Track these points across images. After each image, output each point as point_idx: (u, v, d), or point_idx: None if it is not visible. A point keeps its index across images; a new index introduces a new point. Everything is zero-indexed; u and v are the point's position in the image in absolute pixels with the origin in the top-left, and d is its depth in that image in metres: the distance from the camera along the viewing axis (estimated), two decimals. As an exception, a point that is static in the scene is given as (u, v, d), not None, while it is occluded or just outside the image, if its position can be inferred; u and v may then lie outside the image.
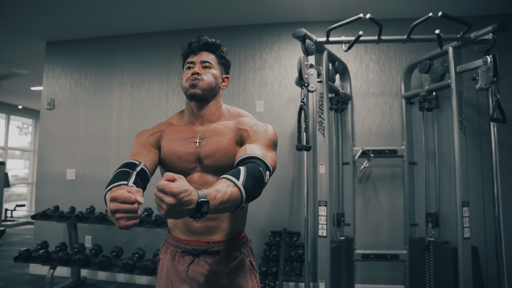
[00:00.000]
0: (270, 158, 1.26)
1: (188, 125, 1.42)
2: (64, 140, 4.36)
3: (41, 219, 3.75)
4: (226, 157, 1.32)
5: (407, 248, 3.34)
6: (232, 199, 1.02)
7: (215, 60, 1.43)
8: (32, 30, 4.22)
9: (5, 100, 8.33)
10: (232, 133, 1.35)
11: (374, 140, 3.64)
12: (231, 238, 1.39)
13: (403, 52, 3.70)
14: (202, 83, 1.36)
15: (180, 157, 1.35)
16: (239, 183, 1.05)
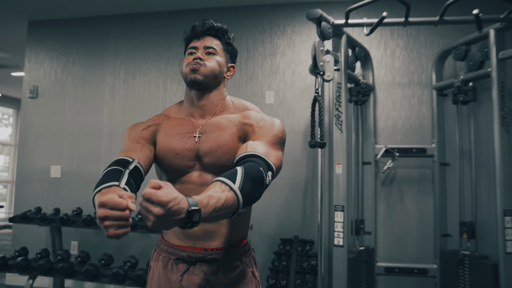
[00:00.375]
0: (274, 157, 1.27)
1: (187, 118, 1.43)
2: (48, 133, 4.45)
3: (21, 222, 3.83)
4: (227, 154, 1.33)
5: (437, 262, 3.35)
6: (227, 205, 1.03)
7: (220, 46, 1.45)
8: (11, 7, 4.29)
9: (-18, 88, 8.49)
10: (235, 128, 1.37)
11: (400, 137, 3.66)
12: (231, 245, 1.39)
13: (435, 36, 3.71)
14: (204, 68, 1.37)
15: (178, 153, 1.36)
16: (235, 186, 1.06)
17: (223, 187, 1.05)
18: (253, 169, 1.14)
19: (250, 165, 1.15)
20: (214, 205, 1.00)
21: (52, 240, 3.92)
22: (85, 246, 4.13)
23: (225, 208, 1.03)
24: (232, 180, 1.07)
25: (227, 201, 1.03)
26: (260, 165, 1.17)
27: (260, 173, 1.15)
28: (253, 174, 1.13)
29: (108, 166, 1.24)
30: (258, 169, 1.15)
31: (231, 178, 1.08)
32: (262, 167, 1.17)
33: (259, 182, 1.13)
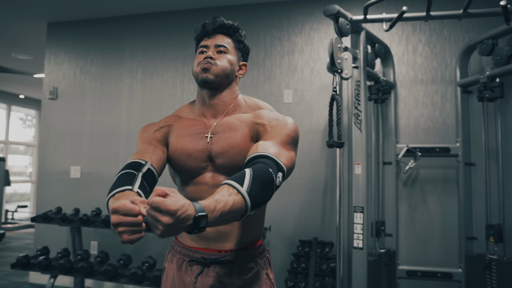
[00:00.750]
0: (286, 158, 1.26)
1: (199, 118, 1.43)
2: (68, 134, 4.54)
3: (42, 222, 3.93)
4: (239, 155, 1.33)
5: (462, 266, 3.27)
6: (234, 209, 1.03)
7: (232, 44, 1.45)
8: (31, 9, 4.40)
9: (5, 89, 8.73)
10: (247, 128, 1.36)
11: (422, 136, 3.58)
12: (246, 247, 1.40)
13: (460, 30, 3.62)
14: (215, 68, 1.37)
15: (190, 154, 1.37)
16: (242, 189, 1.06)
17: (231, 191, 1.05)
18: (262, 170, 1.14)
19: (259, 167, 1.15)
20: (221, 209, 1.00)
21: (72, 239, 4.00)
22: (104, 246, 4.20)
23: (233, 212, 1.03)
24: (239, 183, 1.08)
25: (235, 204, 1.03)
26: (269, 166, 1.17)
27: (269, 174, 1.15)
28: (262, 176, 1.12)
29: (121, 170, 1.26)
30: (267, 171, 1.15)
31: (238, 181, 1.08)
32: (272, 168, 1.17)
33: (268, 184, 1.13)
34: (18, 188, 10.22)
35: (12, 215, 9.11)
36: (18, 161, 10.32)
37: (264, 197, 1.13)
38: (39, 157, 4.67)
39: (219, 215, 0.99)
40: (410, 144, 3.44)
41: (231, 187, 1.07)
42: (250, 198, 1.07)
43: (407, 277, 3.38)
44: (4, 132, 9.29)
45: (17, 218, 9.25)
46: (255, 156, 1.21)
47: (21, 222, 8.87)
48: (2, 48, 5.74)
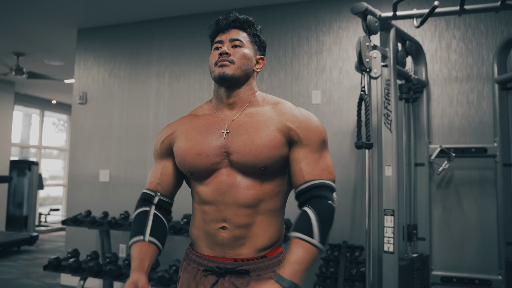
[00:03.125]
0: (329, 170, 1.33)
1: (215, 115, 1.42)
2: (97, 138, 4.68)
3: (72, 225, 4.07)
4: (262, 154, 1.29)
5: (502, 273, 3.17)
6: (312, 259, 1.21)
7: (247, 38, 1.44)
8: (62, 16, 4.58)
9: (38, 95, 9.08)
10: (274, 127, 1.32)
11: (457, 136, 3.51)
12: (264, 256, 1.35)
13: (498, 24, 3.53)
14: (233, 64, 1.36)
15: (200, 153, 1.34)
16: (315, 241, 1.21)
17: (305, 246, 1.20)
18: (324, 208, 1.25)
19: (320, 205, 1.25)
20: (304, 268, 1.19)
21: (101, 242, 4.12)
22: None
23: (312, 262, 1.21)
24: (309, 234, 1.21)
25: (312, 256, 1.21)
26: (327, 197, 1.27)
27: (330, 208, 1.26)
28: (326, 215, 1.25)
29: (137, 204, 1.46)
30: (328, 205, 1.26)
31: (307, 232, 1.21)
32: (329, 197, 1.28)
33: (331, 217, 1.27)
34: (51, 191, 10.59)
35: (45, 218, 9.45)
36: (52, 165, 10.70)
37: (330, 230, 1.26)
38: (69, 161, 4.84)
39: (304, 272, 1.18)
40: (443, 145, 3.38)
41: (305, 242, 1.20)
42: (322, 243, 1.22)
43: (442, 283, 3.31)
44: (37, 137, 9.65)
45: (49, 221, 9.58)
46: (308, 188, 1.28)
47: (53, 225, 9.19)
48: (36, 55, 5.99)
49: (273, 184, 1.35)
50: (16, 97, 8.34)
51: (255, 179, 1.32)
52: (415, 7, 3.50)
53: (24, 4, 4.25)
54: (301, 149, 1.31)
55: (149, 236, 1.35)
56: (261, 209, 1.33)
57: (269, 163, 1.30)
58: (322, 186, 1.28)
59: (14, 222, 7.96)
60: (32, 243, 6.52)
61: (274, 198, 1.35)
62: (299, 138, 1.31)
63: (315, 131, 1.33)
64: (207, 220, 1.34)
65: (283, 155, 1.32)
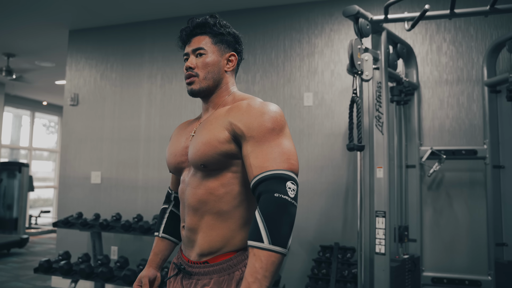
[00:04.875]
0: (282, 158, 1.18)
1: (197, 119, 1.49)
2: (88, 140, 4.66)
3: (63, 227, 4.04)
4: (200, 151, 1.27)
5: (492, 273, 3.20)
6: (270, 266, 1.07)
7: (209, 41, 1.39)
8: (54, 17, 4.56)
9: (29, 96, 9.01)
10: (218, 125, 1.28)
11: (448, 138, 3.54)
12: (206, 261, 1.28)
13: (487, 27, 3.56)
14: (197, 78, 1.37)
15: (173, 153, 1.43)
16: (265, 245, 1.08)
17: (255, 253, 1.08)
18: (268, 205, 1.11)
19: (265, 202, 1.12)
20: (260, 278, 1.07)
21: (93, 244, 4.10)
22: (124, 251, 4.28)
23: (271, 267, 1.08)
24: (257, 239, 1.09)
25: (266, 263, 1.07)
26: (273, 190, 1.12)
27: (277, 202, 1.11)
28: (271, 211, 1.10)
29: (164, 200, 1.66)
30: (273, 200, 1.11)
31: (255, 237, 1.09)
32: (276, 190, 1.12)
33: (281, 211, 1.10)
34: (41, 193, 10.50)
35: (36, 220, 9.37)
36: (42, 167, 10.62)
37: (287, 225, 1.11)
38: (61, 163, 4.80)
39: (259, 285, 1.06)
40: (434, 147, 3.40)
41: (254, 248, 1.09)
42: (277, 243, 1.08)
43: (433, 284, 3.33)
44: (28, 138, 9.57)
45: (40, 223, 9.51)
46: (256, 183, 1.16)
47: (44, 227, 9.11)
48: (27, 56, 5.94)
49: (217, 183, 1.27)
50: (6, 98, 8.27)
51: (202, 179, 1.30)
52: (406, 10, 3.53)
53: (15, 5, 4.22)
54: (247, 143, 1.21)
55: (163, 232, 1.55)
56: (205, 211, 1.28)
57: (206, 160, 1.25)
58: (269, 178, 1.14)
59: (4, 225, 7.89)
60: (22, 246, 6.47)
61: (220, 199, 1.27)
62: (241, 132, 1.22)
63: (258, 119, 1.21)
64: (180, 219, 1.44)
65: (223, 152, 1.24)
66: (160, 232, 1.56)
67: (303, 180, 3.80)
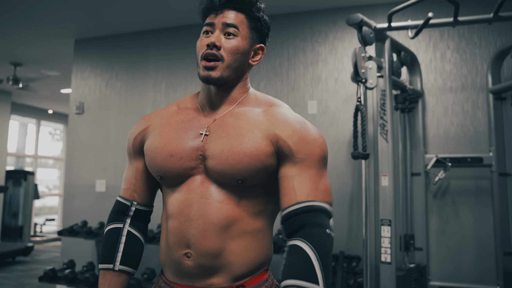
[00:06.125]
0: (327, 192, 1.08)
1: (198, 111, 1.20)
2: (94, 148, 4.66)
3: (68, 236, 4.04)
4: (241, 164, 1.06)
5: (501, 283, 3.14)
6: None
7: (245, 23, 1.15)
8: (60, 27, 4.59)
9: (35, 105, 9.06)
10: (260, 133, 1.09)
11: (453, 145, 3.52)
12: (242, 285, 1.10)
13: (491, 35, 3.55)
14: (221, 63, 1.11)
15: (173, 154, 1.12)
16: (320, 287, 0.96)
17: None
18: (324, 243, 1.00)
19: (319, 239, 1.00)
20: None
21: (98, 253, 4.09)
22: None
23: None
24: (313, 280, 0.96)
25: None
26: (325, 225, 1.02)
27: (330, 240, 1.02)
28: (328, 249, 1.01)
29: (110, 216, 1.26)
30: (327, 237, 1.02)
31: (309, 277, 0.96)
32: (327, 225, 1.03)
33: (331, 251, 1.03)
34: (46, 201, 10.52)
35: (41, 228, 9.37)
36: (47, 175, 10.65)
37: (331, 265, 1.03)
38: (66, 171, 4.81)
39: None
40: (439, 154, 3.38)
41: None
42: (327, 285, 0.98)
43: (439, 293, 3.30)
44: (33, 146, 9.61)
45: (45, 231, 9.51)
46: (300, 211, 1.03)
47: (49, 235, 9.11)
48: (33, 64, 5.98)
49: (254, 202, 1.11)
50: (13, 107, 8.31)
51: (232, 193, 1.10)
52: (409, 18, 3.53)
53: (21, 14, 4.25)
54: (294, 165, 1.07)
55: (120, 264, 1.19)
56: (235, 231, 1.08)
57: (248, 175, 1.07)
58: (319, 210, 1.03)
59: (9, 233, 7.90)
60: (27, 254, 6.47)
61: (253, 218, 1.11)
62: (290, 151, 1.07)
63: (312, 144, 1.08)
64: (170, 243, 1.12)
65: (267, 167, 1.08)
66: (116, 263, 1.19)
67: (308, 188, 3.77)
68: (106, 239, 1.23)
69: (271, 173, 1.10)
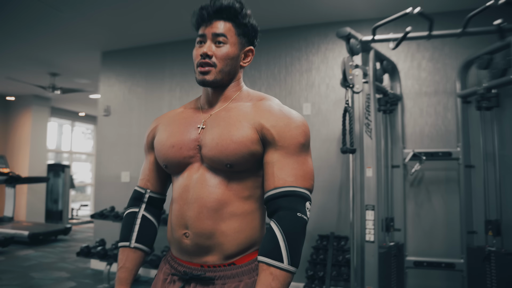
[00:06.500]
0: (305, 177, 1.02)
1: (198, 110, 1.18)
2: (119, 144, 4.61)
3: (99, 219, 4.01)
4: (228, 150, 1.02)
5: (464, 257, 3.12)
6: (286, 286, 0.94)
7: (233, 31, 1.11)
8: (89, 42, 4.54)
9: (69, 108, 9.02)
10: (247, 123, 1.05)
11: (427, 142, 3.46)
12: (233, 263, 1.06)
13: (460, 47, 3.49)
14: (214, 68, 1.09)
15: (174, 145, 1.10)
16: (285, 265, 0.94)
17: (273, 273, 0.94)
18: (293, 224, 0.96)
19: (287, 219, 0.97)
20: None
21: (123, 234, 4.05)
22: (150, 239, 4.23)
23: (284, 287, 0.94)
24: (277, 258, 0.94)
25: (283, 283, 0.93)
26: (297, 209, 0.97)
27: (300, 222, 0.97)
28: (295, 230, 0.96)
29: (129, 202, 1.23)
30: (297, 219, 0.97)
31: (275, 255, 0.94)
32: (299, 209, 0.98)
33: (302, 232, 0.98)
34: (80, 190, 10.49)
35: (77, 212, 9.37)
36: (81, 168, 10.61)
37: (302, 245, 0.98)
38: (96, 164, 4.76)
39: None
40: (415, 149, 3.33)
41: (271, 267, 0.94)
42: (294, 263, 0.95)
43: (414, 267, 3.26)
44: (69, 143, 9.58)
45: (80, 215, 9.49)
46: (276, 195, 1.00)
47: (83, 218, 9.10)
48: (67, 74, 5.93)
49: (242, 186, 1.06)
50: (52, 110, 8.27)
51: (223, 178, 1.06)
52: (391, 31, 3.45)
53: (57, 32, 4.20)
54: (276, 151, 1.02)
55: (135, 242, 1.16)
56: (226, 213, 1.04)
57: (235, 160, 1.02)
58: (293, 195, 0.98)
59: (51, 216, 7.93)
60: (67, 233, 6.46)
61: (242, 201, 1.06)
62: (273, 139, 1.02)
63: (293, 131, 1.03)
64: (173, 224, 1.10)
65: (253, 153, 1.04)
66: (131, 241, 1.16)
67: (302, 178, 3.73)
68: (124, 221, 1.21)
69: (258, 159, 1.06)
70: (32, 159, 7.50)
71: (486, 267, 2.88)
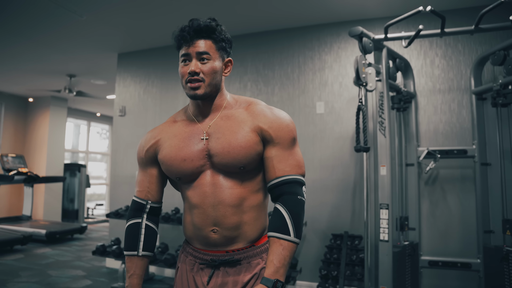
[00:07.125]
0: (299, 165, 1.22)
1: (194, 121, 1.27)
2: (134, 145, 4.67)
3: (114, 218, 4.06)
4: (240, 155, 1.18)
5: (481, 257, 3.07)
6: (291, 254, 1.14)
7: (213, 47, 1.21)
8: (105, 44, 4.60)
9: (86, 109, 9.15)
10: (248, 128, 1.21)
11: (441, 139, 3.42)
12: (253, 245, 1.25)
13: (473, 44, 3.44)
14: (203, 84, 1.19)
15: (185, 159, 1.22)
16: (291, 238, 1.14)
17: (283, 244, 1.14)
18: (295, 204, 1.17)
19: (291, 202, 1.17)
20: (285, 264, 1.13)
21: (139, 233, 4.09)
22: (164, 238, 4.26)
23: (291, 256, 1.15)
24: (286, 232, 1.14)
25: (291, 251, 1.14)
26: (297, 192, 1.19)
27: (300, 203, 1.18)
28: (298, 211, 1.17)
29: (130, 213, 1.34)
30: (298, 201, 1.18)
31: (283, 230, 1.15)
32: (299, 193, 1.19)
33: (303, 211, 1.18)
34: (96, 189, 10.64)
35: (92, 212, 9.49)
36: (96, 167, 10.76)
37: (303, 221, 1.20)
38: (111, 164, 4.83)
39: (285, 269, 1.13)
40: (430, 147, 3.29)
41: (281, 240, 1.14)
42: (298, 237, 1.15)
43: (429, 266, 3.22)
44: (85, 143, 9.72)
45: (96, 214, 9.62)
46: (279, 183, 1.19)
47: (98, 217, 9.22)
48: (84, 75, 6.03)
49: (254, 182, 1.24)
50: (68, 111, 8.40)
51: (236, 178, 1.21)
52: (403, 30, 3.43)
53: (75, 35, 4.28)
54: (273, 147, 1.21)
55: (142, 250, 1.29)
56: (245, 206, 1.22)
57: (247, 162, 1.19)
58: (292, 182, 1.19)
59: (68, 215, 8.03)
60: (82, 232, 6.55)
61: (256, 194, 1.24)
62: (271, 137, 1.20)
63: (285, 129, 1.22)
64: (196, 224, 1.23)
65: (259, 153, 1.21)
66: (139, 250, 1.29)
67: (317, 178, 3.72)
68: (128, 231, 1.32)
69: (261, 157, 1.24)
70: (50, 159, 7.64)
71: (504, 267, 2.82)
